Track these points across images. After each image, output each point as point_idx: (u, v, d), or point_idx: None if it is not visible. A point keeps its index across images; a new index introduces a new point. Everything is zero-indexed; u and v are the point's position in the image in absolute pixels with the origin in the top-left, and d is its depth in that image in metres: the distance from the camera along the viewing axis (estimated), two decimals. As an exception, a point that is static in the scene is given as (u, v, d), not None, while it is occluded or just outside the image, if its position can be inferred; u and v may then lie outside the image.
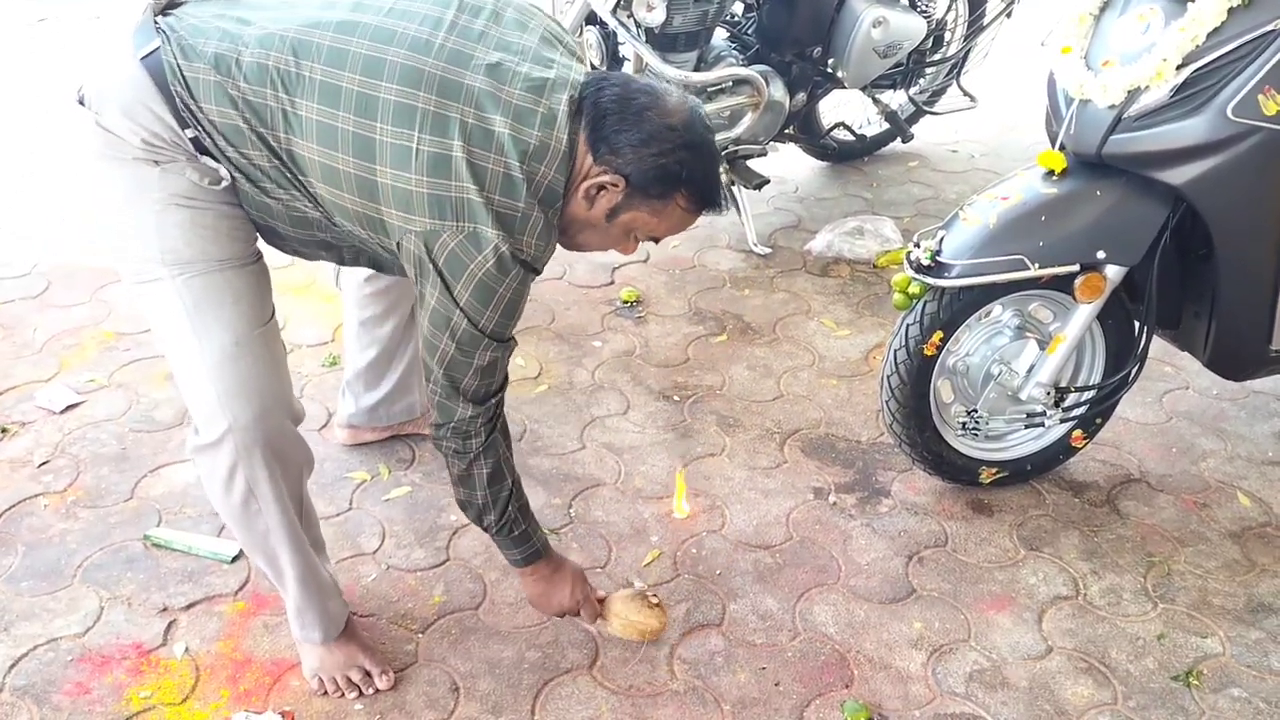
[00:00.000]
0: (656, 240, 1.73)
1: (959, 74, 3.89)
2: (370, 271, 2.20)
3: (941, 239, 2.15)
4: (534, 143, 1.53)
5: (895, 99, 3.95)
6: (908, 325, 2.24)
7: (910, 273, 2.18)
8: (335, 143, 1.52)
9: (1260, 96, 1.91)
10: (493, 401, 1.71)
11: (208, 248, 1.62)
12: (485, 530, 1.84)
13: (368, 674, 1.92)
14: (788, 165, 4.04)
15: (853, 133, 3.96)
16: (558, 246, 1.69)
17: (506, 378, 1.76)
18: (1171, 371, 2.86)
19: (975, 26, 3.80)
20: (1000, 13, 3.79)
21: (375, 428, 2.51)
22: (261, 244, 1.76)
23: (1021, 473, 2.44)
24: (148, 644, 1.99)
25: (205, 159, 1.58)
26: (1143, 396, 2.75)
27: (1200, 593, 2.17)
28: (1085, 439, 2.42)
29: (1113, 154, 2.05)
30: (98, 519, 2.29)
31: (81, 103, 1.58)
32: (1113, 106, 2.02)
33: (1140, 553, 2.27)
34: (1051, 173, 2.14)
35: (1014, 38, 4.03)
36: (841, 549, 2.28)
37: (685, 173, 1.58)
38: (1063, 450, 2.44)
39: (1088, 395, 2.33)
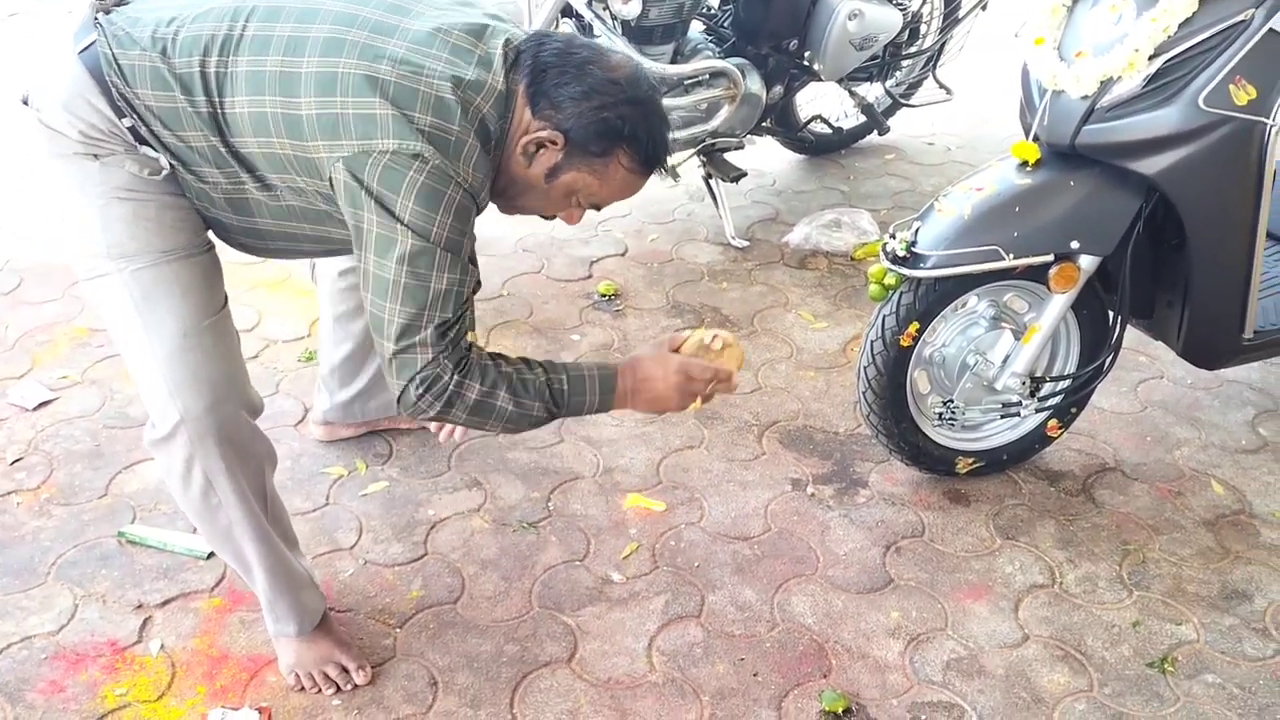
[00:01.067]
0: (598, 207, 1.67)
1: (934, 67, 3.90)
2: (345, 265, 2.19)
3: (917, 230, 2.16)
4: (469, 75, 1.49)
5: (871, 92, 3.95)
6: (884, 316, 2.24)
7: (886, 264, 2.19)
8: (262, 86, 1.51)
9: (1231, 86, 1.93)
10: (451, 334, 1.54)
11: (152, 239, 1.60)
12: (553, 418, 1.67)
13: (345, 669, 1.91)
14: (765, 158, 4.04)
15: (830, 125, 3.96)
16: (498, 213, 1.64)
17: (467, 317, 1.59)
18: (1146, 361, 2.88)
19: (950, 19, 3.82)
20: (975, 5, 3.81)
21: (351, 423, 2.49)
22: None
23: (998, 462, 2.45)
24: (123, 641, 1.98)
25: (144, 149, 1.57)
26: (1117, 386, 2.77)
27: (1175, 580, 2.19)
28: (1061, 428, 2.44)
29: (1086, 144, 2.06)
30: (71, 516, 2.26)
31: (25, 103, 1.59)
32: (1085, 97, 2.03)
33: (1115, 541, 2.29)
34: (1025, 164, 2.15)
35: (989, 30, 4.06)
36: (819, 540, 2.29)
37: (628, 128, 1.52)
38: (1038, 440, 2.45)
39: (1063, 385, 2.35)
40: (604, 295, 3.17)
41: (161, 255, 1.61)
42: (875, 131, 3.97)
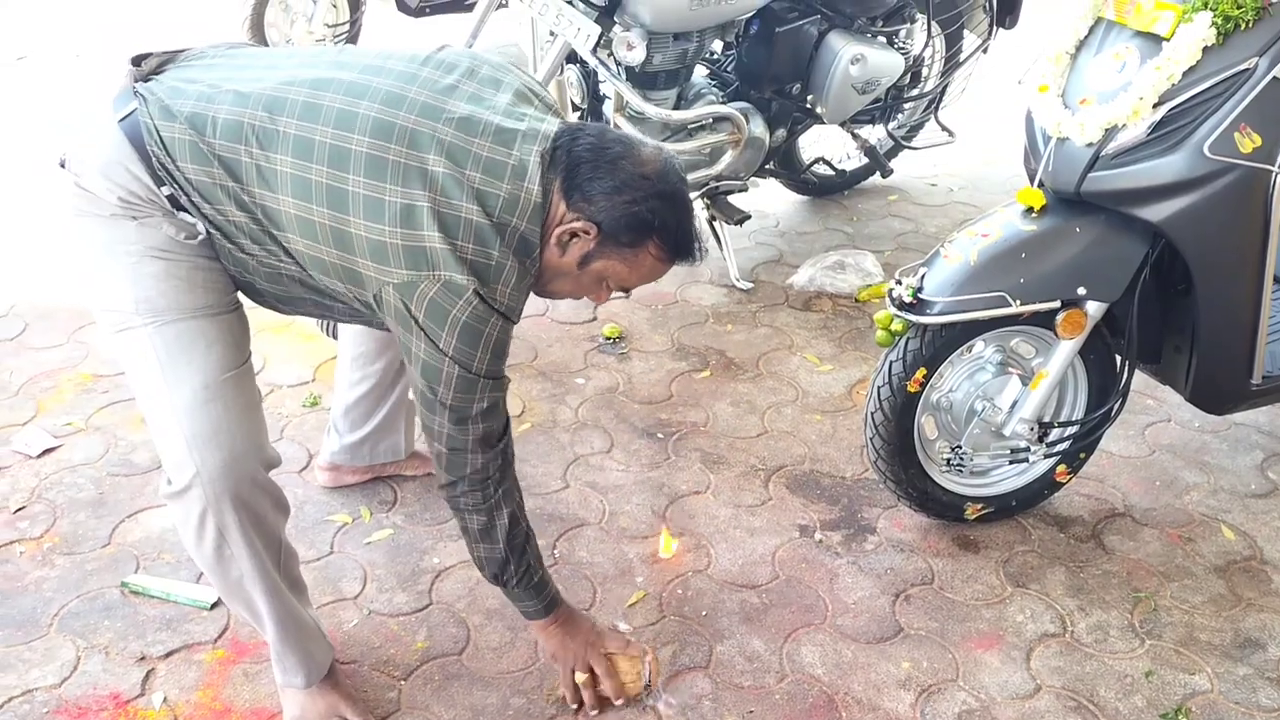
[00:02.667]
0: (627, 291, 1.76)
1: (937, 109, 3.92)
2: None
3: (923, 276, 2.16)
4: (504, 195, 1.56)
5: (874, 134, 3.98)
6: (891, 362, 2.24)
7: (893, 310, 2.18)
8: (309, 195, 1.54)
9: (1236, 134, 1.94)
10: (501, 445, 1.72)
11: (181, 298, 1.62)
12: (505, 585, 1.84)
13: None
14: (768, 200, 4.06)
15: (832, 168, 3.98)
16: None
17: (509, 419, 1.76)
18: (1154, 404, 2.87)
19: (952, 63, 3.85)
20: (976, 48, 3.84)
21: (357, 468, 2.48)
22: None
23: (1006, 509, 2.44)
24: (125, 694, 1.96)
25: (182, 215, 1.59)
26: (1125, 430, 2.76)
27: (1187, 628, 2.17)
28: (1069, 474, 2.42)
29: (1091, 191, 2.07)
30: (74, 566, 2.25)
31: (63, 166, 1.61)
32: (1090, 144, 2.04)
33: (1126, 588, 2.27)
34: (1031, 210, 2.15)
35: (990, 73, 4.09)
36: (828, 588, 2.27)
37: (657, 221, 1.60)
38: (1047, 486, 2.44)
39: (1071, 430, 2.34)
40: (609, 338, 3.16)
41: (189, 312, 1.63)
42: (878, 173, 3.98)
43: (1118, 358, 2.29)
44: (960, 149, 4.21)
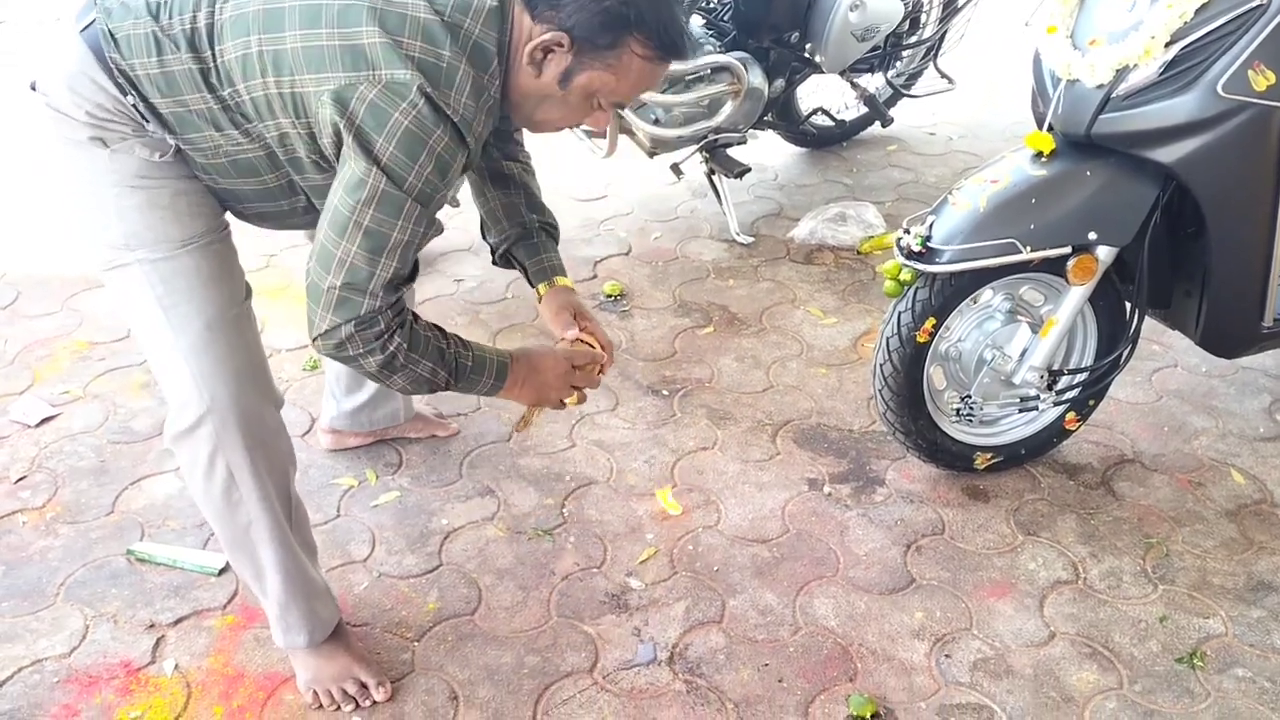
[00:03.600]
0: (623, 105, 1.64)
1: (936, 56, 3.87)
2: None
3: (931, 224, 2.13)
4: None
5: (873, 83, 3.92)
6: (900, 313, 2.21)
7: (901, 259, 2.15)
8: (247, 28, 1.47)
9: (1250, 72, 1.90)
10: (401, 293, 1.52)
11: (169, 229, 1.59)
12: (445, 390, 1.65)
13: (363, 685, 1.87)
14: (767, 152, 4.01)
15: (831, 118, 3.93)
16: (527, 134, 1.62)
17: (418, 271, 1.62)
18: (1160, 350, 2.85)
19: (950, 8, 3.78)
20: (975, -7, 3.78)
21: (359, 432, 2.46)
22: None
23: (1016, 457, 2.43)
24: (136, 662, 1.94)
25: (150, 128, 1.55)
26: (1133, 376, 2.74)
27: (1200, 573, 2.17)
28: (1079, 421, 2.41)
29: (1102, 134, 2.03)
30: (79, 535, 2.23)
31: (34, 89, 1.58)
32: (1101, 86, 2.00)
33: (1138, 534, 2.26)
34: (1040, 154, 2.12)
35: (988, 18, 4.02)
36: (839, 540, 2.26)
37: (633, 13, 1.46)
38: (1056, 433, 2.42)
39: (1080, 378, 2.32)
40: (610, 296, 3.13)
41: (180, 245, 1.60)
42: (878, 123, 3.93)
43: (1127, 303, 2.27)
44: (958, 96, 4.15)
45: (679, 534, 2.27)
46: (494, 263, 2.01)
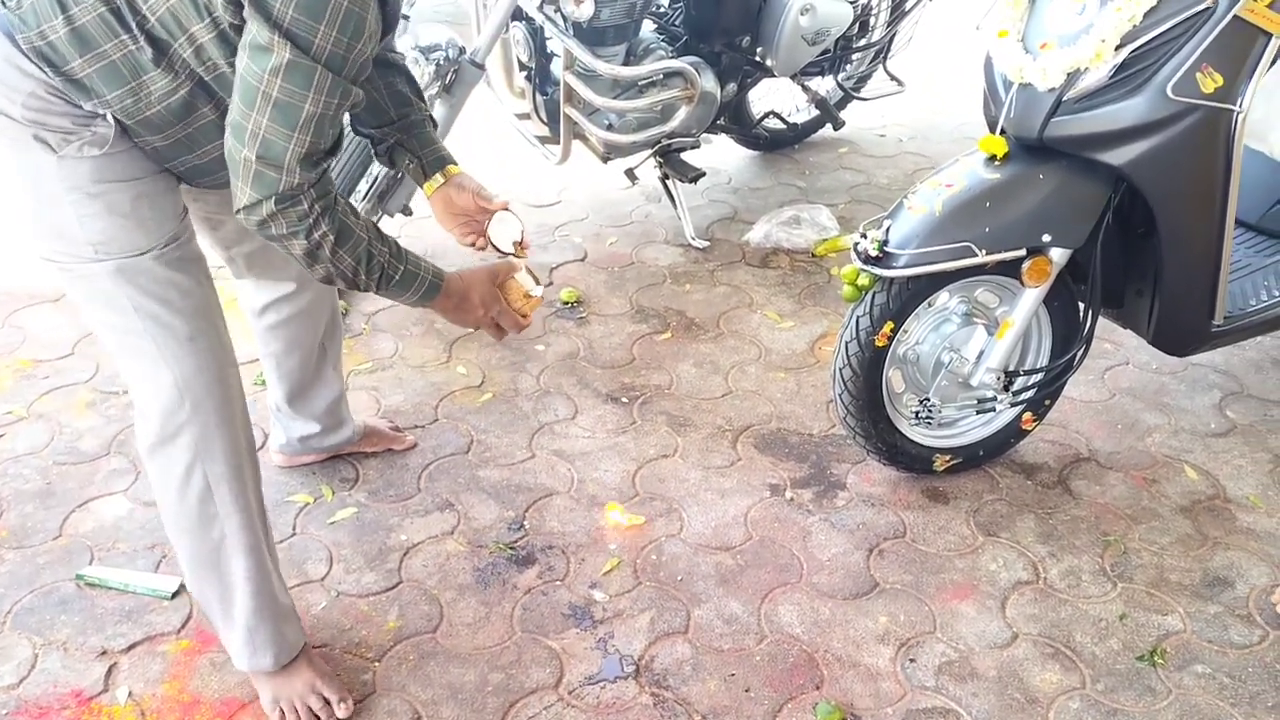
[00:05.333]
0: None
1: (885, 58, 3.89)
2: (263, 301, 2.12)
3: (888, 229, 2.13)
4: None
5: (823, 85, 3.93)
6: (858, 317, 2.21)
7: (858, 264, 2.15)
8: None
9: (1198, 74, 1.93)
10: (324, 167, 1.46)
11: (134, 237, 1.55)
12: (367, 291, 1.61)
13: (327, 701, 1.84)
14: (720, 156, 4.00)
15: (784, 121, 3.94)
16: None
17: (341, 142, 1.51)
18: (1111, 348, 2.89)
19: (899, 11, 3.80)
20: (923, -5, 3.80)
21: (311, 453, 2.41)
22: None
23: (974, 458, 2.44)
24: (88, 690, 1.89)
25: (86, 108, 1.48)
26: (1086, 375, 2.77)
27: (1157, 570, 2.19)
28: (1035, 421, 2.43)
29: (1054, 137, 2.05)
30: (25, 560, 2.16)
31: None
32: (1052, 89, 2.02)
33: (1095, 532, 2.29)
34: (994, 158, 2.13)
35: (935, 20, 4.05)
36: (802, 546, 2.25)
37: None
38: (1013, 434, 2.44)
39: (1036, 378, 2.34)
40: (566, 303, 3.11)
41: (149, 251, 1.57)
42: (830, 125, 3.94)
43: (1080, 304, 2.29)
44: (908, 99, 4.18)
45: (642, 543, 2.25)
46: (375, 156, 1.94)
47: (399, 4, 1.51)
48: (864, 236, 2.15)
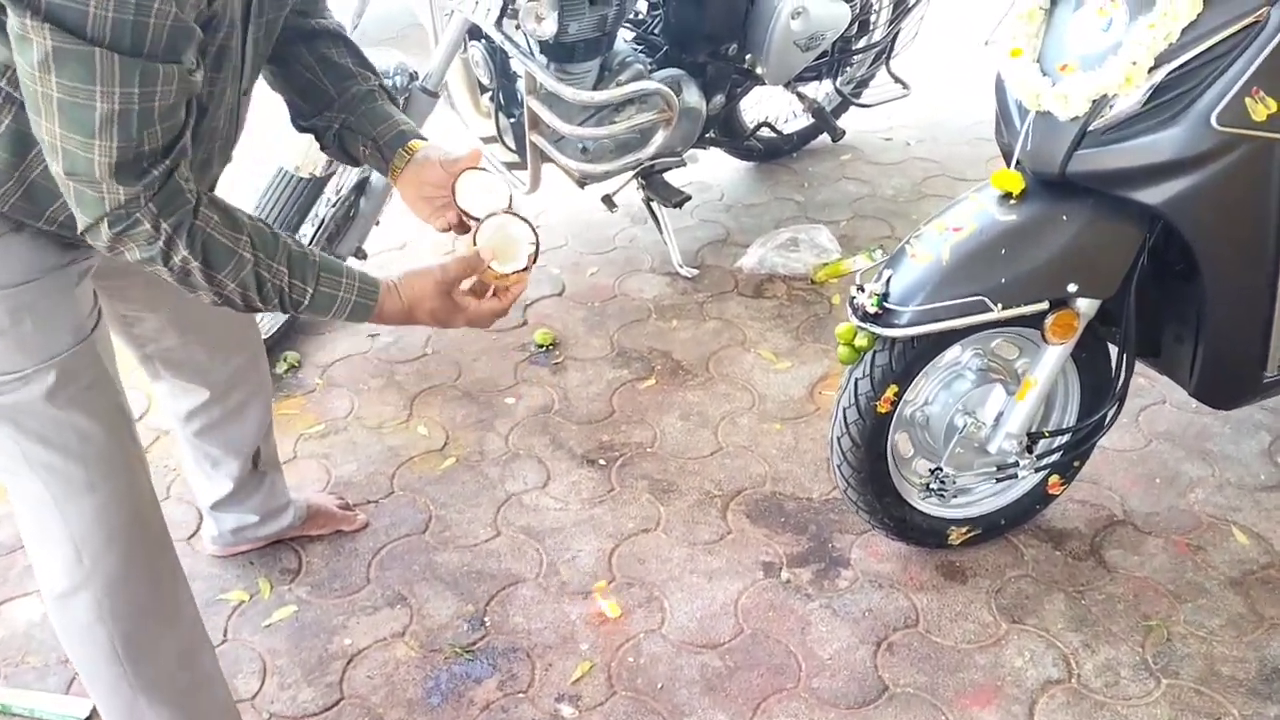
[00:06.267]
0: None
1: (888, 60, 3.59)
2: (187, 407, 1.89)
3: (888, 280, 1.85)
4: None
5: (820, 90, 3.64)
6: (856, 380, 1.93)
7: (855, 321, 1.87)
8: None
9: (1248, 100, 1.63)
10: (158, 175, 1.15)
11: (12, 358, 1.30)
12: (283, 313, 1.35)
13: None
14: (710, 169, 3.71)
15: (778, 132, 3.65)
16: None
17: (181, 141, 1.18)
18: (1146, 384, 2.59)
19: (901, 8, 3.50)
20: (927, -11, 3.49)
21: (248, 542, 2.15)
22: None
23: (995, 528, 2.16)
24: None
25: None
26: (1119, 418, 2.48)
27: (1206, 660, 1.91)
28: (1063, 485, 2.15)
29: (1078, 173, 1.76)
30: (-81, 683, 1.92)
31: None
32: (1076, 119, 1.72)
33: (1134, 615, 2.01)
34: (1009, 195, 1.84)
35: (941, 13, 3.74)
36: (800, 640, 1.98)
37: None
38: (1038, 499, 2.16)
39: (1062, 440, 2.06)
40: (541, 346, 2.84)
41: (37, 389, 1.32)
42: (830, 139, 3.65)
43: (1112, 348, 2.01)
44: (914, 98, 3.86)
45: (618, 642, 1.99)
46: (323, 149, 1.56)
47: None
48: (861, 290, 1.87)
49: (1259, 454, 2.39)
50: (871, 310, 1.83)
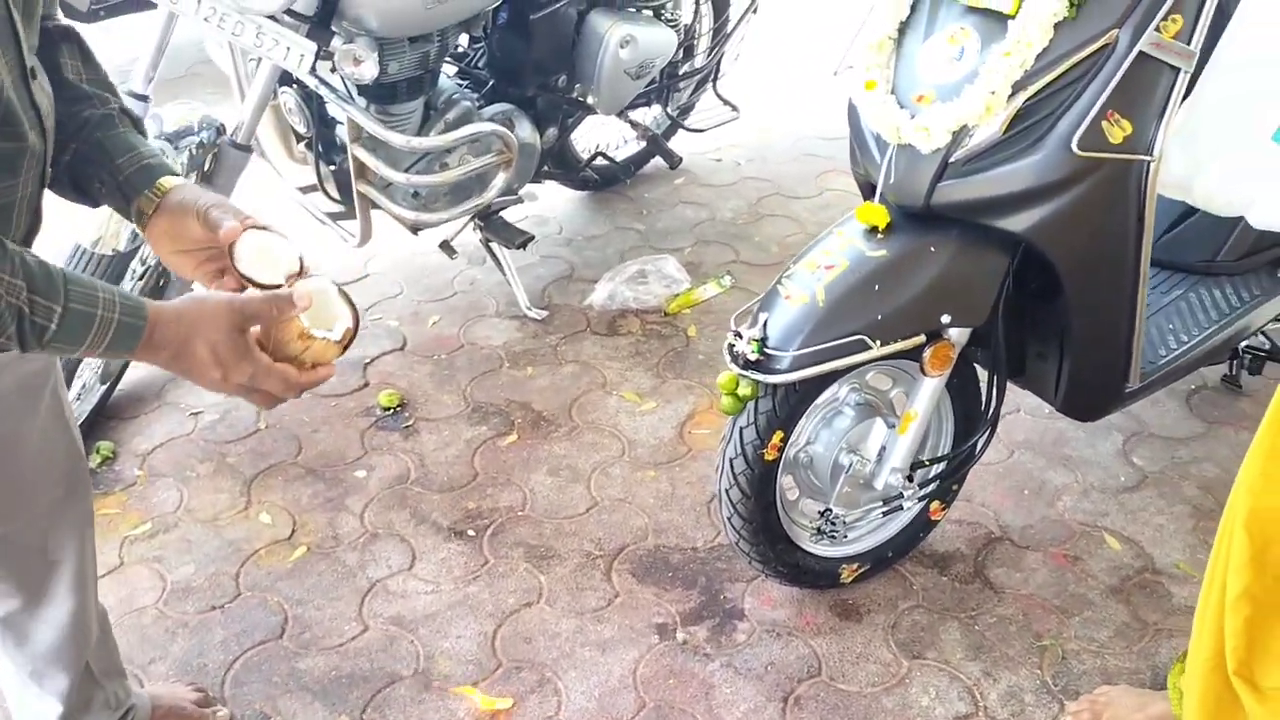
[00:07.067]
0: None
1: (715, 82, 3.56)
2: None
3: (765, 324, 1.78)
4: None
5: (648, 115, 3.58)
6: (741, 429, 1.86)
7: (737, 370, 1.79)
8: None
9: (1104, 123, 1.64)
10: None
11: None
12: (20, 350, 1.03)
13: None
14: (545, 203, 3.58)
15: (612, 160, 3.56)
16: None
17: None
18: (1000, 394, 2.63)
19: (721, 33, 3.48)
20: (745, 11, 3.48)
21: None
22: None
23: (883, 560, 2.13)
24: None
25: None
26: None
27: (1102, 674, 1.93)
28: (944, 509, 2.14)
29: (942, 203, 1.74)
30: None
31: None
32: (938, 150, 1.70)
33: (1027, 636, 2.01)
34: (874, 229, 1.81)
35: (759, 35, 3.75)
36: (705, 707, 1.89)
37: None
38: (921, 527, 2.14)
39: (940, 468, 2.04)
40: (387, 409, 2.64)
41: None
42: (667, 165, 3.59)
43: (979, 369, 2.01)
44: (739, 118, 3.86)
45: (513, 735, 1.84)
46: (53, 187, 1.24)
47: None
48: (739, 335, 1.79)
49: (1115, 454, 2.45)
50: (752, 357, 1.76)
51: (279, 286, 1.15)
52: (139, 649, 1.99)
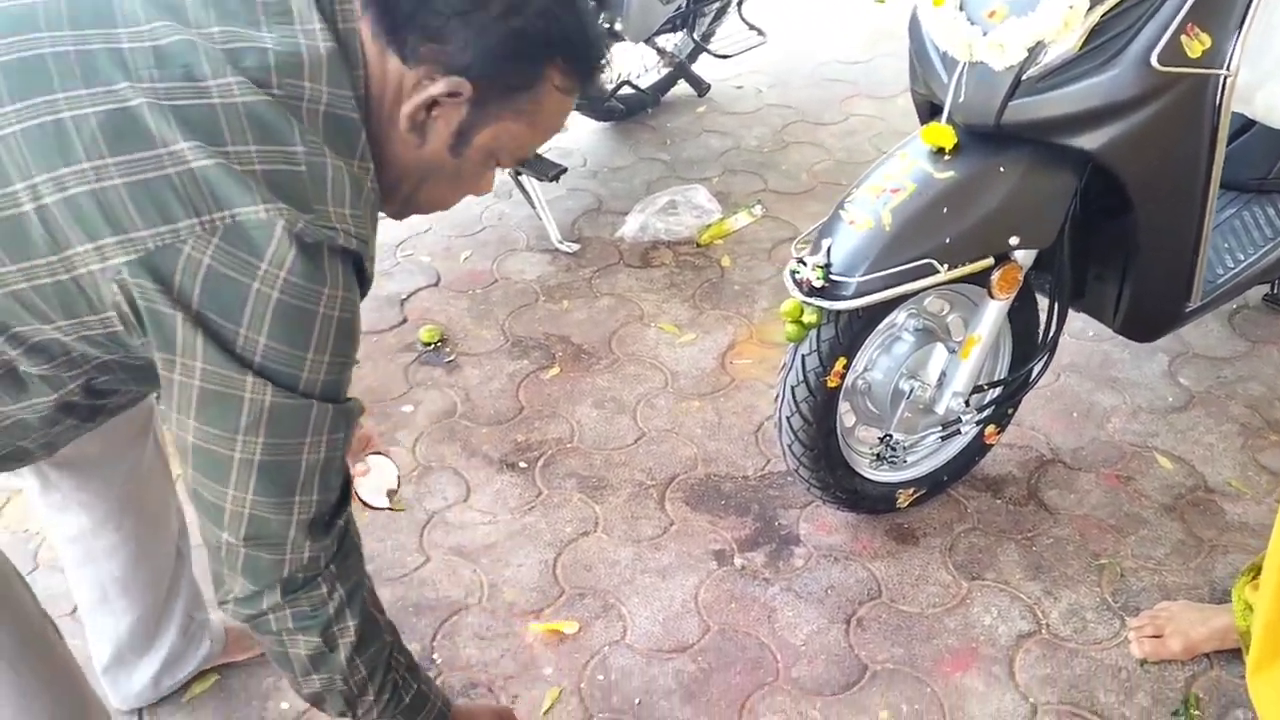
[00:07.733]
0: (524, 161, 1.29)
1: (740, 6, 3.49)
2: (75, 530, 1.55)
3: (829, 250, 1.76)
4: (272, 46, 0.91)
5: (672, 41, 3.52)
6: (804, 357, 1.85)
7: (800, 297, 1.78)
8: None
9: (1183, 38, 1.61)
10: (340, 523, 1.07)
11: None
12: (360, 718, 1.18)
13: None
14: (569, 135, 3.53)
15: (637, 88, 3.50)
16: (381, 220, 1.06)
17: (349, 478, 1.11)
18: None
19: (748, -48, 3.40)
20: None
21: (166, 691, 1.80)
22: None
23: (939, 485, 2.14)
24: None
25: None
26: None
27: (1161, 591, 1.95)
28: (999, 433, 2.14)
29: (1013, 122, 1.71)
30: None
31: None
32: (1011, 68, 1.67)
33: (1085, 555, 2.03)
34: (941, 151, 1.78)
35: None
36: (769, 629, 1.91)
37: (555, 28, 0.97)
38: (977, 451, 2.15)
39: (997, 393, 2.04)
40: (428, 344, 2.62)
41: None
42: (696, 93, 3.53)
43: (1039, 299, 2.00)
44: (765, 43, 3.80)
45: (583, 660, 1.86)
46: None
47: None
48: (803, 262, 1.77)
49: (1161, 375, 2.46)
50: (818, 284, 1.74)
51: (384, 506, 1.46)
52: (207, 584, 2.00)
